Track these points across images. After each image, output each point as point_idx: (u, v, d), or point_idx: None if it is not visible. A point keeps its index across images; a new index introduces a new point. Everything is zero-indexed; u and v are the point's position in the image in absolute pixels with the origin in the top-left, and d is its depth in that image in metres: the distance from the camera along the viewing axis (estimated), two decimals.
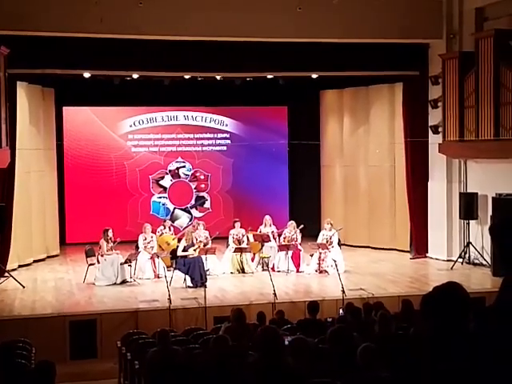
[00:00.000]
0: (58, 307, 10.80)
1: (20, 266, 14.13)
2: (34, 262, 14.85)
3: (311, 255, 13.67)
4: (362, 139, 16.81)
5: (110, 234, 12.89)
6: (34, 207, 15.02)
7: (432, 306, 3.01)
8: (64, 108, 16.91)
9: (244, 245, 13.80)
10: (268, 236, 14.05)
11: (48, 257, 15.49)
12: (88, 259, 13.11)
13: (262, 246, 13.99)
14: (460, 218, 14.16)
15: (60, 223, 16.53)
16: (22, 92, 14.19)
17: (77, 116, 17.26)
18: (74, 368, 9.46)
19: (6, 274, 12.68)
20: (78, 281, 12.81)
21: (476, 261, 13.92)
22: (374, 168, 16.59)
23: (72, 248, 16.36)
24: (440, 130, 14.39)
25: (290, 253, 13.52)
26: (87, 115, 17.30)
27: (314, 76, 14.87)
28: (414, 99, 14.92)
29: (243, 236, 13.92)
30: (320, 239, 13.66)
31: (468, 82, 13.36)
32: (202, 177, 18.19)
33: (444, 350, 2.92)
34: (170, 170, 17.95)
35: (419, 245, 15.11)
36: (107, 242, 12.82)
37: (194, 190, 18.21)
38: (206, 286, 11.48)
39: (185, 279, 12.32)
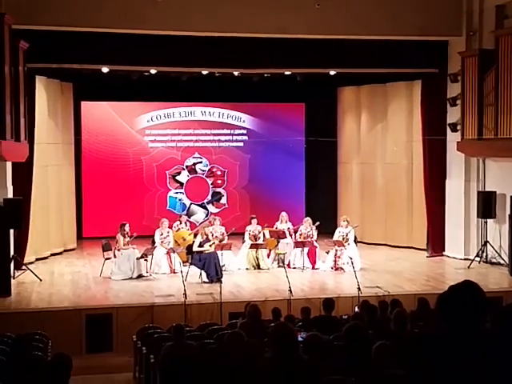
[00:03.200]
0: (74, 301, 10.88)
1: (37, 260, 14.21)
2: (51, 255, 14.94)
3: (327, 252, 13.66)
4: (379, 136, 16.77)
5: (127, 228, 12.94)
6: (52, 201, 15.12)
7: (448, 306, 2.98)
8: (82, 103, 17.01)
9: (260, 241, 13.80)
10: (284, 232, 14.04)
11: (65, 250, 15.60)
12: (104, 253, 13.18)
13: (278, 242, 14.00)
14: (478, 216, 14.07)
15: (77, 217, 16.63)
16: (40, 86, 14.27)
17: (95, 111, 17.34)
18: (89, 361, 9.50)
19: (24, 267, 12.75)
20: (94, 275, 12.89)
21: (493, 260, 13.83)
22: (391, 165, 16.54)
23: (89, 242, 16.44)
24: (458, 127, 14.28)
25: (306, 249, 13.51)
26: (105, 110, 17.38)
27: (332, 73, 14.82)
28: (433, 97, 14.83)
29: (259, 232, 13.93)
30: (336, 236, 13.63)
31: (488, 79, 13.25)
32: (219, 172, 18.24)
33: (460, 349, 2.89)
34: (186, 166, 18.01)
35: (436, 243, 15.03)
36: (124, 237, 12.86)
37: (211, 186, 18.25)
38: (221, 282, 11.53)
39: (200, 274, 12.35)
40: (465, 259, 14.28)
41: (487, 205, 13.63)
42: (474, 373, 2.85)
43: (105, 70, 13.84)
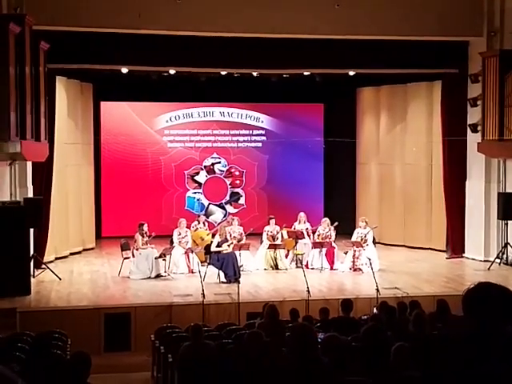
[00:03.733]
0: (93, 300, 10.94)
1: (57, 259, 14.31)
2: (71, 254, 15.04)
3: (345, 253, 13.64)
4: (398, 137, 16.73)
5: (145, 228, 12.98)
6: (71, 201, 15.21)
7: (474, 303, 2.90)
8: (102, 103, 17.11)
9: (278, 241, 13.81)
10: (302, 233, 14.04)
11: (84, 250, 15.68)
12: (123, 253, 13.22)
13: (296, 242, 14.00)
14: (498, 218, 13.96)
15: (96, 217, 16.72)
16: (60, 86, 14.37)
17: (114, 111, 17.43)
18: (108, 360, 9.52)
19: (43, 266, 12.83)
20: (113, 274, 12.96)
21: None
22: (410, 166, 16.48)
23: (107, 241, 16.53)
24: (479, 128, 14.17)
25: (324, 250, 13.50)
26: (124, 110, 17.46)
27: (351, 73, 14.78)
28: (453, 97, 14.73)
29: (277, 233, 13.93)
30: (354, 237, 13.62)
31: (509, 80, 13.14)
32: (237, 173, 18.28)
33: (481, 351, 2.85)
34: (205, 166, 18.05)
35: (456, 244, 14.96)
36: (142, 236, 12.90)
37: (229, 186, 18.29)
38: (239, 282, 11.54)
39: (218, 274, 12.36)
40: (485, 261, 14.17)
41: (508, 206, 13.51)
42: (494, 377, 2.79)
43: (124, 70, 13.91)
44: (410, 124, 16.45)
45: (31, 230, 12.17)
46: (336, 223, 13.88)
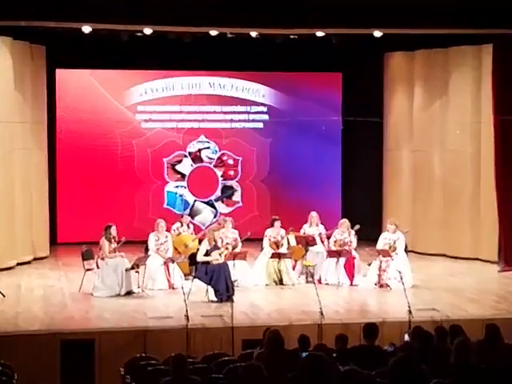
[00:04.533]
0: (46, 322, 10.93)
1: (0, 270, 14.30)
2: (18, 264, 15.04)
3: (369, 264, 13.71)
4: (437, 116, 16.76)
5: (114, 231, 12.99)
6: (18, 196, 15.19)
7: None
8: (57, 71, 17.08)
9: (283, 249, 13.84)
10: (314, 238, 14.09)
11: (35, 259, 15.71)
12: (85, 263, 13.26)
13: (307, 250, 14.04)
14: None
15: (50, 217, 16.73)
16: (5, 49, 14.40)
17: (73, 81, 17.42)
18: None
19: None
20: (72, 290, 12.99)
21: None
22: (452, 154, 16.52)
23: (65, 248, 16.55)
24: None
25: (342, 260, 13.55)
26: (87, 80, 17.46)
27: (377, 34, 14.72)
28: (508, 65, 14.76)
29: (282, 238, 13.96)
30: (381, 244, 13.66)
31: None
32: (231, 161, 18.33)
33: None
34: (190, 152, 18.09)
35: (510, 254, 14.99)
36: (109, 242, 12.91)
37: (221, 179, 18.35)
38: (233, 301, 11.57)
39: (207, 291, 12.39)
40: None
41: None
42: None
43: (87, 29, 13.83)
44: (452, 99, 16.48)
45: None
46: (357, 226, 13.92)
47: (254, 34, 14.86)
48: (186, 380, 6.82)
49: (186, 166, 18.15)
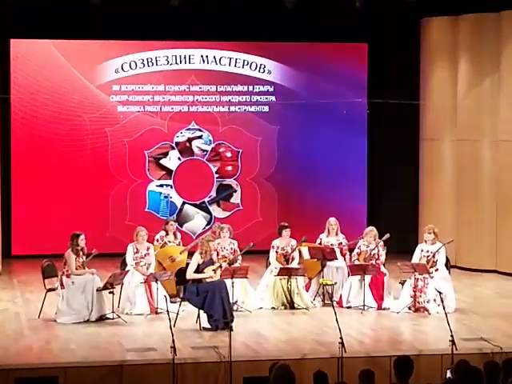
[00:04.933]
0: None
1: None
2: None
3: (402, 283, 13.61)
4: (487, 98, 16.72)
5: (82, 242, 12.87)
6: None
7: None
8: (12, 41, 17.11)
9: (294, 264, 13.76)
10: (333, 250, 13.97)
11: None
12: (46, 281, 13.19)
13: (324, 266, 13.92)
14: None
15: (3, 225, 16.69)
16: None
17: (32, 54, 17.37)
18: None
19: None
20: (30, 315, 12.93)
21: None
22: (506, 145, 16.45)
23: (21, 263, 16.62)
24: None
25: (368, 278, 13.46)
26: (49, 53, 17.40)
27: None
28: None
29: (293, 250, 13.85)
30: (417, 258, 13.55)
31: None
32: (229, 154, 18.31)
33: None
34: (177, 143, 18.08)
35: None
36: (77, 256, 12.79)
37: (216, 176, 18.30)
38: (231, 329, 11.24)
39: (198, 317, 12.25)
40: None
41: None
42: None
43: None
44: (506, 77, 16.45)
45: None
46: (387, 235, 13.88)
47: None
48: None
49: (173, 160, 18.12)
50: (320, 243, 14.18)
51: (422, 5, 15.75)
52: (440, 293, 12.14)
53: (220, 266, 12.67)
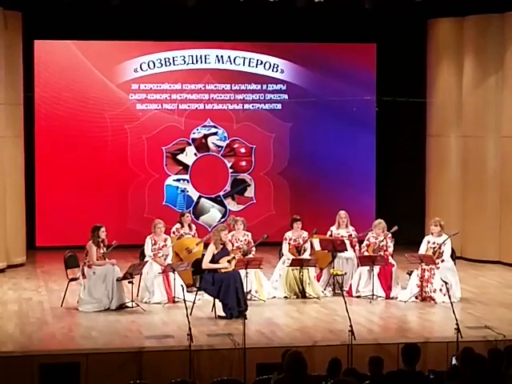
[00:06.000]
0: (22, 343, 10.91)
1: None
2: None
3: (409, 273, 13.72)
4: (492, 95, 16.75)
5: (103, 234, 12.97)
6: None
7: None
8: (36, 42, 17.13)
9: (306, 255, 13.85)
10: (343, 242, 14.07)
11: (9, 266, 15.78)
12: (68, 271, 13.27)
13: (334, 257, 14.02)
14: None
15: (28, 218, 16.75)
16: None
17: (55, 54, 17.43)
18: None
19: None
20: (53, 304, 12.99)
21: None
22: (510, 141, 16.47)
23: (45, 254, 16.61)
24: None
25: (377, 269, 13.54)
26: (71, 53, 17.47)
27: None
28: None
29: (305, 242, 13.95)
30: (424, 249, 13.63)
31: None
32: (243, 150, 18.39)
33: None
34: (193, 139, 18.14)
35: None
36: (98, 247, 12.91)
37: (231, 171, 18.40)
38: (245, 317, 11.48)
39: (214, 305, 12.37)
40: None
41: None
42: None
43: None
44: (510, 75, 16.44)
45: None
46: (395, 228, 13.92)
47: None
48: None
49: (189, 156, 18.20)
50: (330, 235, 14.22)
51: (428, 6, 15.69)
52: (446, 283, 12.31)
53: (234, 258, 12.73)
